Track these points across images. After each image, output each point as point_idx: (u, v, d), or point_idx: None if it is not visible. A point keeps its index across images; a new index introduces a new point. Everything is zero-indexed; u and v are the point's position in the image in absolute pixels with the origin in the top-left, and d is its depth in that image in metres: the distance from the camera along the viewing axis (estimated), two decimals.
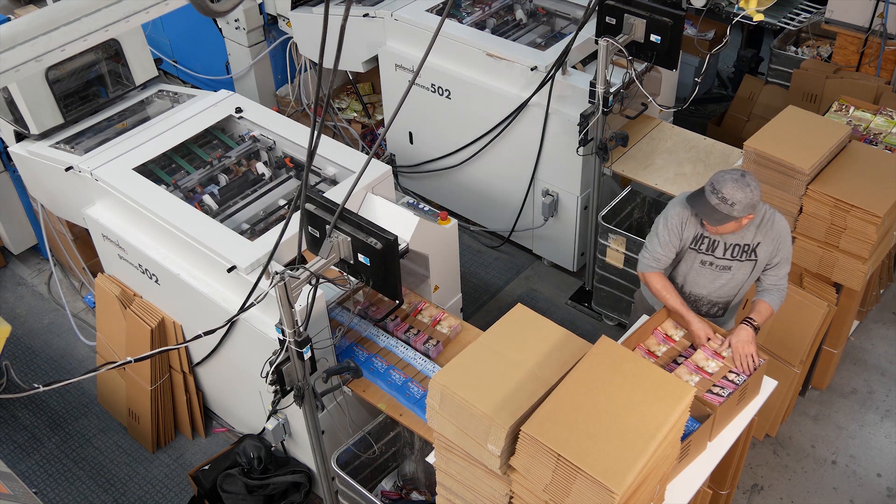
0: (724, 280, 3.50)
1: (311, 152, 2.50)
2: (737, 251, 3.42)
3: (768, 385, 3.36)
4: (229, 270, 3.43)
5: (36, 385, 2.95)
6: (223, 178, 4.12)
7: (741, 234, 3.37)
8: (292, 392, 3.13)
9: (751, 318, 3.37)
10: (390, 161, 5.66)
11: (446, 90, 5.00)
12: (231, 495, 3.89)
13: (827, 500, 4.11)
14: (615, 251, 4.42)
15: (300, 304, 2.91)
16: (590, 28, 4.27)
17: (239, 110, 4.32)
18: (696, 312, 3.51)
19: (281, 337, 2.96)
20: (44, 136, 4.28)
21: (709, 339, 3.36)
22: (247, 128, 4.32)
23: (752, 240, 3.39)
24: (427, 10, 5.07)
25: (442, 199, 5.58)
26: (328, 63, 2.42)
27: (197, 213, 3.74)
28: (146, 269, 3.94)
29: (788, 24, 5.41)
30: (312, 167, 3.97)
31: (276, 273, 2.77)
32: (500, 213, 5.30)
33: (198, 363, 4.19)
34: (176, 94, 4.58)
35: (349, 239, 2.84)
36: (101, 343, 4.44)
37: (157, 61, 4.76)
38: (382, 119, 6.06)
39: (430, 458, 2.93)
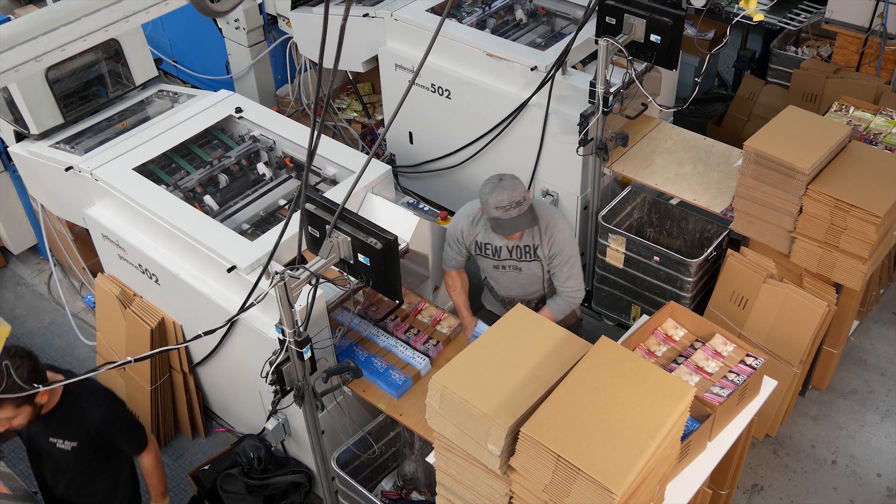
0: (524, 279, 3.79)
1: (311, 152, 2.50)
2: (517, 252, 3.70)
3: (768, 385, 3.36)
4: (229, 270, 3.43)
5: (36, 385, 2.95)
6: (223, 178, 4.12)
7: (518, 237, 3.65)
8: (292, 392, 3.13)
9: None
10: (390, 161, 5.66)
11: (446, 90, 5.00)
12: (231, 495, 3.89)
13: (827, 500, 4.11)
14: (615, 251, 4.42)
15: (300, 304, 2.91)
16: (590, 28, 4.27)
17: (239, 110, 4.32)
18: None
19: (281, 337, 2.96)
20: (44, 136, 4.28)
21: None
22: (247, 128, 4.32)
23: (532, 241, 3.66)
24: (427, 10, 5.06)
25: (442, 199, 5.58)
26: (328, 63, 2.42)
27: (197, 213, 3.74)
28: (146, 269, 3.94)
29: (788, 24, 5.41)
30: (312, 167, 3.97)
31: (276, 273, 2.77)
32: None
33: (198, 363, 4.19)
34: (176, 94, 4.58)
35: (349, 239, 2.84)
36: (101, 343, 4.44)
37: (157, 61, 4.76)
38: (382, 119, 6.06)
39: (430, 458, 2.93)
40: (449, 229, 3.84)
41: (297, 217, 2.84)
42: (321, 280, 2.94)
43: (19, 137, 4.34)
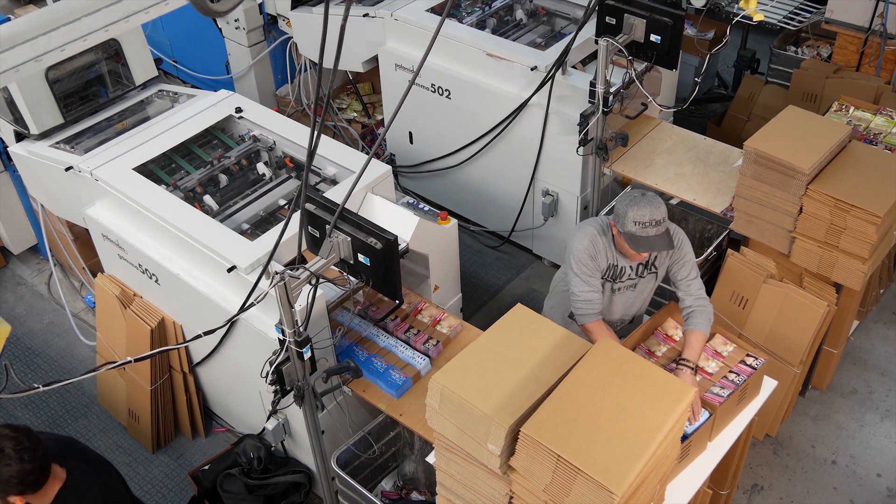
0: (633, 299, 3.60)
1: (311, 152, 2.50)
2: (639, 269, 3.50)
3: (768, 385, 3.36)
4: (229, 270, 3.43)
5: (36, 385, 2.95)
6: (223, 178, 4.12)
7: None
8: (292, 392, 3.13)
9: (685, 360, 3.23)
10: (390, 161, 5.66)
11: (446, 90, 5.00)
12: (231, 495, 3.89)
13: (827, 500, 4.11)
14: None
15: (300, 304, 2.91)
16: (590, 28, 4.27)
17: (239, 110, 4.32)
18: (613, 328, 3.63)
19: (281, 337, 2.96)
20: (44, 136, 4.28)
21: None
22: (247, 128, 4.32)
23: (650, 254, 3.43)
24: (427, 10, 5.07)
25: (442, 199, 5.58)
26: (328, 63, 2.43)
27: (197, 213, 3.74)
28: (146, 269, 3.94)
29: (788, 24, 5.41)
30: (312, 167, 3.97)
31: (276, 273, 2.77)
32: (500, 213, 5.30)
33: (198, 363, 4.19)
34: (176, 94, 4.58)
35: (349, 239, 2.84)
36: (101, 343, 4.44)
37: (157, 61, 4.76)
38: (382, 119, 6.06)
39: (430, 458, 2.93)
40: (577, 257, 3.33)
41: (297, 217, 2.84)
42: (321, 280, 2.94)
43: (19, 137, 4.34)
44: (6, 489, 2.58)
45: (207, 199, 3.97)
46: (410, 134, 5.46)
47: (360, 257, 2.85)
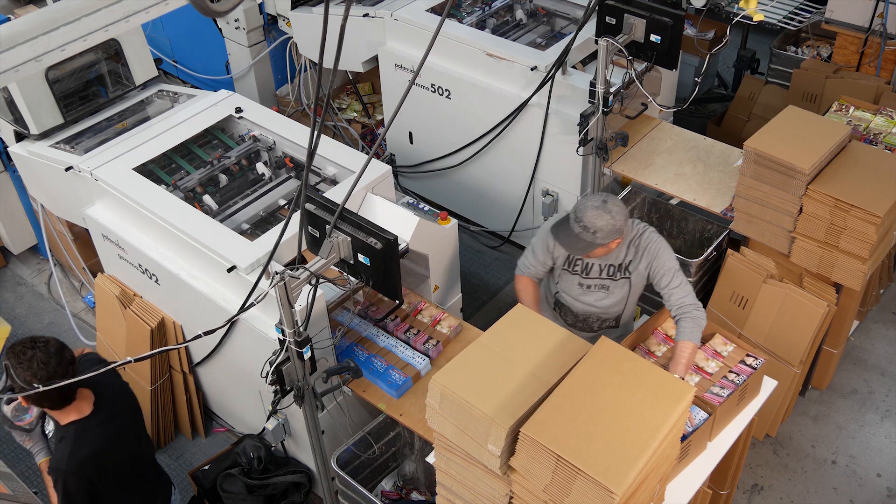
0: (605, 299, 3.58)
1: (311, 152, 2.50)
2: (611, 271, 3.50)
3: (768, 385, 3.36)
4: (229, 270, 3.43)
5: (36, 385, 2.95)
6: (223, 178, 4.12)
7: (612, 255, 3.45)
8: (292, 392, 3.13)
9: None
10: (390, 161, 5.66)
11: (446, 90, 5.00)
12: (231, 495, 3.89)
13: (827, 500, 4.11)
14: None
15: (300, 304, 2.91)
16: (590, 28, 4.27)
17: (239, 110, 4.32)
18: (590, 328, 3.69)
19: (281, 337, 2.96)
20: (44, 136, 4.27)
21: None
22: (247, 128, 4.32)
23: (624, 258, 3.45)
24: (427, 10, 5.06)
25: (442, 199, 5.58)
26: (328, 63, 2.42)
27: (197, 213, 3.74)
28: (146, 269, 3.94)
29: (788, 24, 5.41)
30: (312, 167, 3.97)
31: (276, 273, 2.77)
32: (500, 213, 5.30)
33: (198, 363, 4.19)
34: (176, 94, 4.58)
35: (349, 239, 2.84)
36: (101, 343, 4.44)
37: (157, 61, 4.76)
38: (382, 119, 6.06)
39: (430, 458, 2.93)
40: (538, 236, 3.58)
41: (297, 217, 2.84)
42: (321, 280, 2.94)
43: (19, 137, 4.34)
44: (16, 388, 2.75)
45: (207, 199, 3.97)
46: (410, 134, 5.46)
47: (360, 257, 2.85)
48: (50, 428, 3.10)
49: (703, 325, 3.29)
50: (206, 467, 4.02)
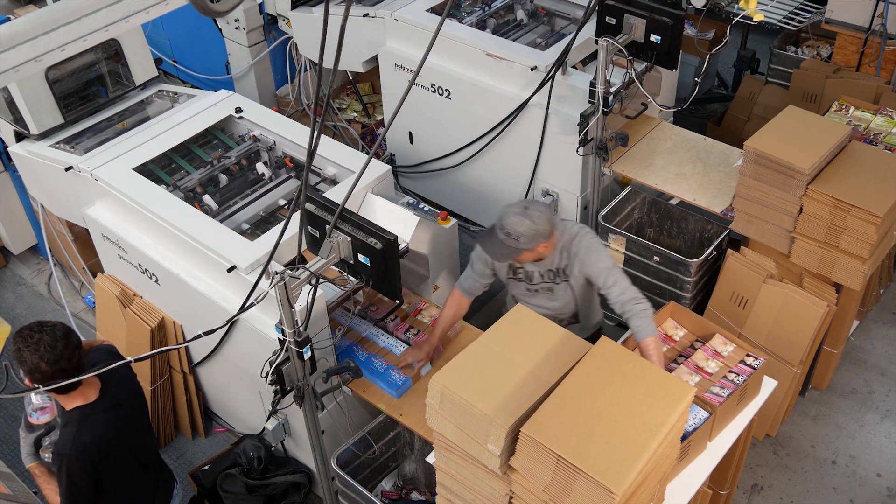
0: (554, 300, 3.62)
1: (311, 152, 2.50)
2: (551, 276, 3.53)
3: (768, 385, 3.36)
4: (229, 270, 3.43)
5: (36, 385, 2.96)
6: (223, 178, 4.12)
7: (547, 262, 3.48)
8: (292, 392, 3.13)
9: None
10: (390, 161, 5.66)
11: (446, 90, 5.00)
12: (231, 495, 3.89)
13: (827, 500, 4.11)
14: (615, 251, 4.42)
15: (300, 304, 2.91)
16: (590, 28, 4.27)
17: (239, 110, 4.32)
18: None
19: (281, 337, 2.96)
20: (44, 136, 4.27)
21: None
22: (247, 128, 4.32)
23: (560, 263, 3.48)
24: (427, 10, 5.06)
25: (442, 199, 5.58)
26: (328, 63, 2.42)
27: (197, 213, 3.74)
28: (146, 269, 3.94)
29: (788, 24, 5.41)
30: (312, 167, 3.97)
31: (276, 273, 2.77)
32: None
33: (198, 363, 4.19)
34: (176, 94, 4.58)
35: (349, 239, 2.84)
36: None
37: (157, 61, 4.76)
38: (382, 119, 6.06)
39: (430, 458, 2.93)
40: (476, 250, 3.60)
41: (297, 217, 2.84)
42: (321, 280, 2.94)
43: (19, 137, 4.34)
44: (26, 374, 2.82)
45: (207, 199, 3.97)
46: (410, 134, 5.46)
47: (360, 257, 2.85)
48: (48, 441, 3.11)
49: (650, 313, 3.27)
50: (206, 467, 4.02)
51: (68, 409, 2.99)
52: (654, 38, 3.99)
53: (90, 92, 4.49)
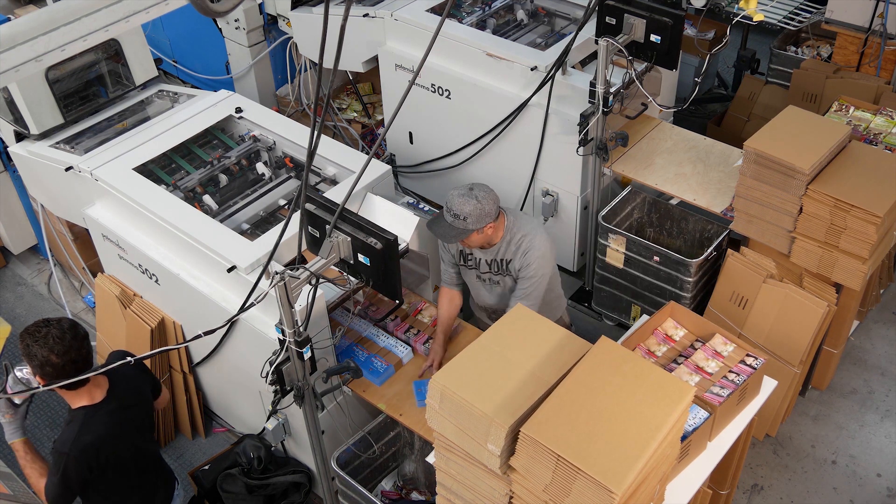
0: (500, 292, 3.67)
1: (311, 152, 2.50)
2: (495, 266, 3.59)
3: (768, 385, 3.36)
4: (229, 270, 3.43)
5: (36, 385, 2.96)
6: (223, 178, 4.12)
7: (494, 250, 3.53)
8: (292, 392, 3.13)
9: None
10: (390, 161, 5.66)
11: (446, 90, 5.00)
12: (231, 495, 3.89)
13: (827, 500, 4.11)
14: (615, 251, 4.42)
15: (300, 304, 2.91)
16: (590, 28, 4.27)
17: (239, 110, 4.32)
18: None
19: (281, 337, 2.96)
20: (44, 136, 4.28)
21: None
22: (247, 128, 4.32)
23: (504, 255, 3.53)
24: (427, 10, 5.06)
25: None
26: (328, 63, 2.42)
27: (197, 213, 3.74)
28: (146, 269, 3.94)
29: (788, 24, 5.41)
30: (312, 167, 3.97)
31: (276, 273, 2.77)
32: None
33: (198, 363, 4.19)
34: (176, 94, 4.58)
35: (349, 239, 2.84)
36: (101, 343, 4.44)
37: (157, 61, 4.76)
38: (382, 119, 6.06)
39: (430, 458, 2.93)
40: (439, 245, 3.73)
41: (297, 217, 2.84)
42: (321, 280, 2.94)
43: (19, 137, 4.34)
44: (34, 368, 2.88)
45: (207, 199, 3.97)
46: (410, 134, 5.46)
47: (360, 257, 2.85)
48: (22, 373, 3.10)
49: (528, 304, 3.40)
50: (206, 467, 4.02)
51: (74, 407, 3.02)
52: (654, 38, 3.99)
53: (90, 92, 4.49)
